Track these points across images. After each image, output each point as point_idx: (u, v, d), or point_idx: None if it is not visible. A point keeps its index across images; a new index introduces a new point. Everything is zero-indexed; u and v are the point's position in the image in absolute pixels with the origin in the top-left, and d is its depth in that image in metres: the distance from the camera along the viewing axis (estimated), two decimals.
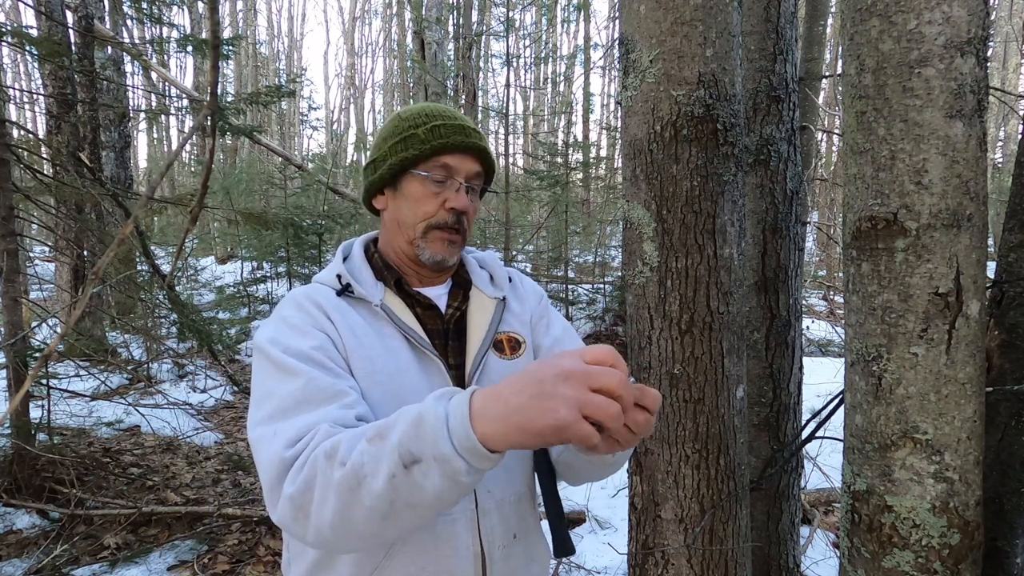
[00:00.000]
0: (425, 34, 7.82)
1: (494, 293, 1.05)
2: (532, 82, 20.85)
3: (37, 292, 7.85)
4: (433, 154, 0.97)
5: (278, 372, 0.85)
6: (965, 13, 0.91)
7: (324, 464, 0.72)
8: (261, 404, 0.83)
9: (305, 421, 0.79)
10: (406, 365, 0.93)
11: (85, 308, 2.24)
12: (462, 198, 0.98)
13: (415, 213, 0.98)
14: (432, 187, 0.98)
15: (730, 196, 1.42)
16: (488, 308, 1.03)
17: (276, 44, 28.71)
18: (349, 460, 0.70)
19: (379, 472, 0.68)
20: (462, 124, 1.00)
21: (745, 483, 1.53)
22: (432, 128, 0.98)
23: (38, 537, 3.01)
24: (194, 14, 15.37)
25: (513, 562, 0.96)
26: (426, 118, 1.00)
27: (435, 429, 0.66)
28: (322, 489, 0.71)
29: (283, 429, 0.78)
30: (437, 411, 0.67)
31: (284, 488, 0.74)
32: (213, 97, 1.09)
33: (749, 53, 2.02)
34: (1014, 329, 1.08)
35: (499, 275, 1.09)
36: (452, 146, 0.97)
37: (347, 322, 0.93)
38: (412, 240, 0.99)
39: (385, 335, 0.95)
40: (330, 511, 0.71)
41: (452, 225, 0.98)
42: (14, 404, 1.58)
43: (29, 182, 3.86)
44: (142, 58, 7.29)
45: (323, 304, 0.93)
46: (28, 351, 3.24)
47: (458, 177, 0.98)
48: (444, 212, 0.98)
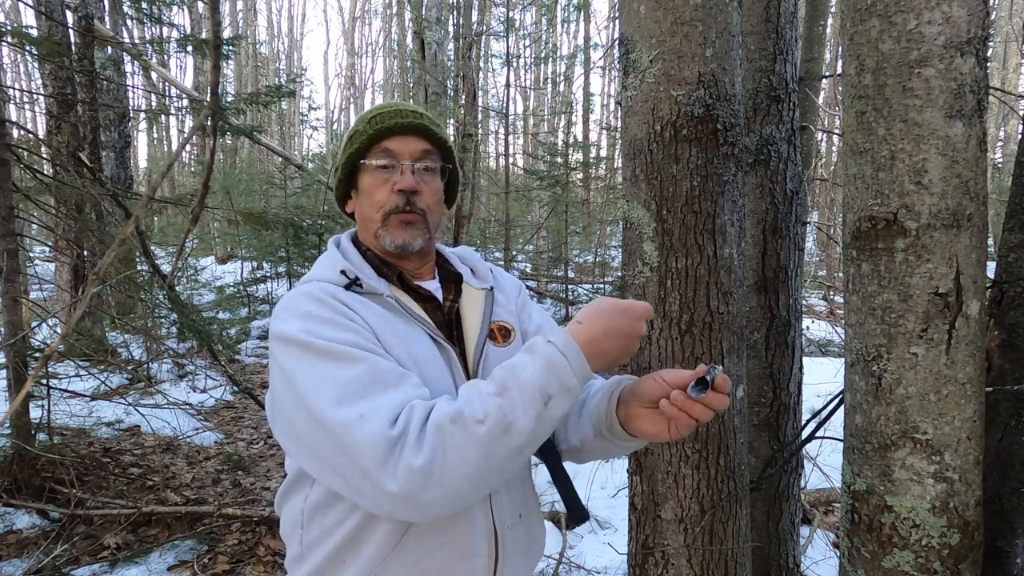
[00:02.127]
0: (425, 34, 7.82)
1: (481, 285, 1.08)
2: (532, 82, 20.85)
3: (37, 292, 7.85)
4: (373, 142, 1.00)
5: (332, 360, 0.83)
6: (965, 13, 0.91)
7: (453, 428, 0.78)
8: (320, 391, 0.82)
9: (393, 400, 0.81)
10: (427, 351, 0.95)
11: (85, 308, 2.24)
12: (407, 178, 0.99)
13: (372, 204, 1.01)
14: (380, 174, 1.00)
15: (730, 196, 1.42)
16: (479, 299, 1.06)
17: (276, 44, 28.72)
18: (487, 416, 0.78)
19: (525, 415, 0.78)
20: (400, 108, 1.02)
21: (745, 483, 1.53)
22: (371, 119, 1.01)
23: (38, 537, 3.01)
24: (194, 14, 15.37)
25: (519, 539, 1.01)
26: (369, 113, 1.03)
27: (565, 368, 0.80)
28: (459, 449, 0.77)
29: (372, 410, 0.79)
30: (556, 354, 0.80)
31: (408, 461, 0.76)
32: (214, 97, 1.09)
33: (749, 53, 2.02)
34: (1014, 329, 1.08)
35: (480, 268, 1.12)
36: (389, 129, 1.00)
37: (368, 312, 0.93)
38: (376, 233, 1.01)
39: (404, 322, 0.96)
40: (472, 466, 0.78)
41: (403, 207, 0.99)
42: (15, 405, 1.58)
43: (29, 182, 3.85)
44: (142, 58, 7.29)
45: (339, 296, 0.92)
46: (28, 351, 3.23)
47: (402, 159, 1.00)
48: (394, 196, 0.99)
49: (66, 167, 4.19)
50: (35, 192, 3.78)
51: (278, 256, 8.71)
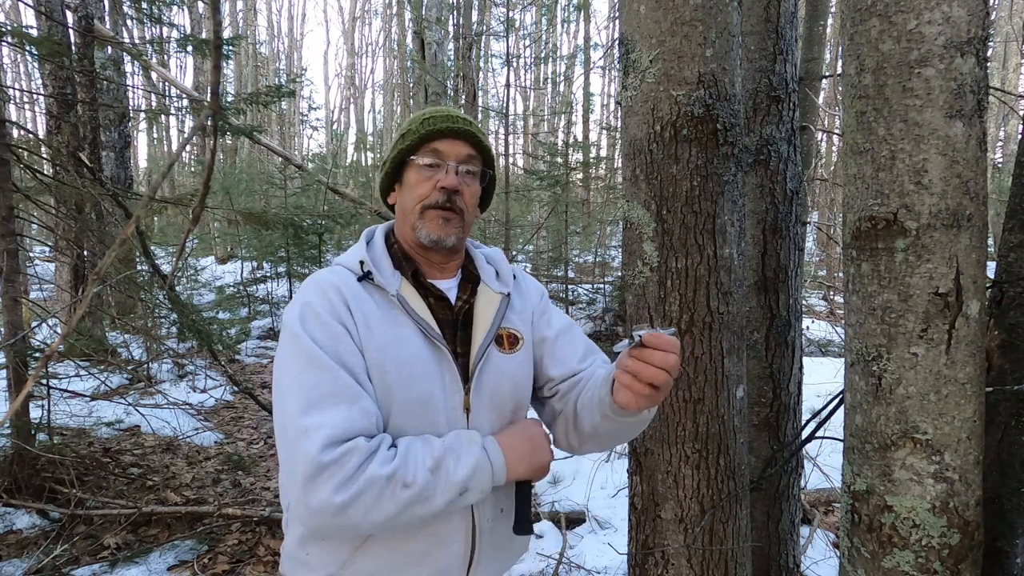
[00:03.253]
0: (425, 34, 7.82)
1: (499, 288, 1.13)
2: (532, 82, 20.85)
3: (37, 292, 7.84)
4: (423, 142, 1.07)
5: (307, 360, 0.94)
6: (965, 13, 0.91)
7: (386, 484, 0.90)
8: (289, 390, 0.94)
9: (334, 422, 0.90)
10: (417, 353, 1.02)
11: (85, 308, 2.24)
12: (451, 177, 1.06)
13: (413, 197, 1.08)
14: (426, 172, 1.07)
15: (730, 196, 1.42)
16: (494, 302, 1.11)
17: (276, 44, 28.71)
18: (414, 484, 0.91)
19: (439, 497, 0.92)
20: (451, 114, 1.10)
21: (745, 483, 1.53)
22: (424, 121, 1.09)
23: (38, 537, 3.01)
24: (194, 14, 15.37)
25: (498, 533, 1.09)
26: (422, 115, 1.10)
27: (487, 475, 0.97)
28: (379, 503, 0.90)
29: (314, 427, 0.89)
30: (485, 460, 0.97)
31: (330, 494, 0.88)
32: (215, 97, 1.08)
33: (749, 53, 2.02)
34: (1014, 329, 1.08)
35: (504, 272, 1.17)
36: (440, 132, 1.07)
37: (363, 312, 1.00)
38: (413, 224, 1.07)
39: (399, 323, 1.03)
40: (384, 516, 0.91)
41: (444, 204, 1.06)
42: (15, 405, 1.58)
43: (29, 182, 3.85)
44: (142, 58, 7.29)
45: (343, 291, 1.01)
46: (28, 351, 3.23)
47: (448, 160, 1.07)
48: (436, 192, 1.06)
49: (66, 167, 4.19)
50: (35, 192, 3.78)
51: (278, 256, 8.71)
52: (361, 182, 13.66)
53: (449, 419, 1.03)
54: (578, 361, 1.16)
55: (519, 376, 1.11)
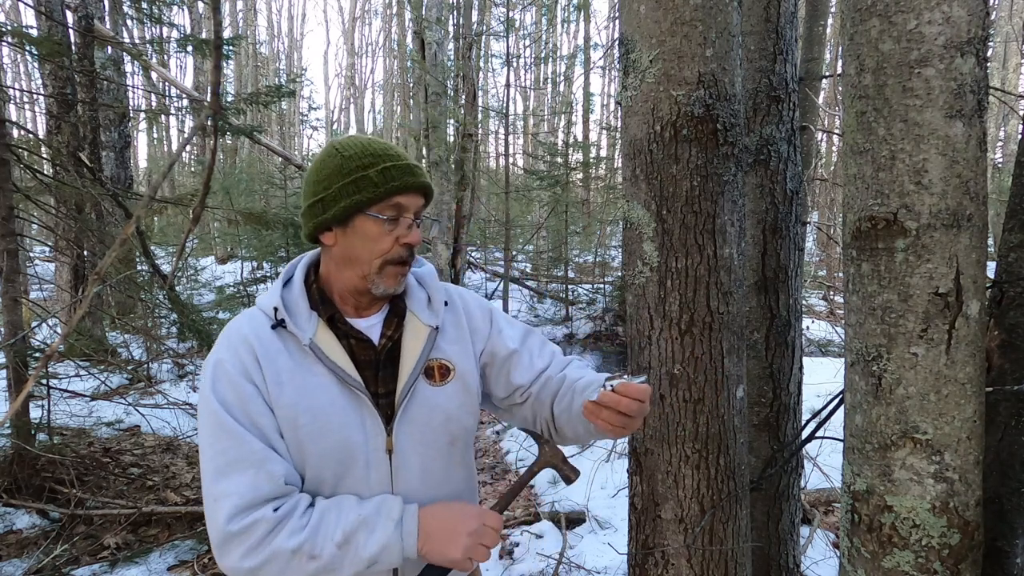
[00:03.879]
0: (425, 34, 7.82)
1: (429, 321, 1.10)
2: (532, 82, 20.83)
3: (37, 292, 7.84)
4: (387, 196, 1.01)
5: (215, 424, 0.96)
6: (965, 13, 0.91)
7: (291, 556, 0.93)
8: (204, 453, 0.98)
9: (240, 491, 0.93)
10: (331, 401, 1.01)
11: (86, 308, 2.24)
12: (415, 234, 1.05)
13: (371, 251, 1.03)
14: (387, 226, 1.03)
15: (730, 196, 1.42)
16: (421, 336, 1.09)
17: (276, 44, 28.70)
18: (320, 556, 0.93)
19: (348, 569, 0.94)
20: (409, 164, 1.05)
21: (745, 483, 1.53)
22: (383, 171, 1.02)
23: (38, 537, 3.01)
24: (194, 14, 15.36)
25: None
26: (374, 159, 1.03)
27: (396, 552, 0.96)
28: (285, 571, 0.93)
29: (222, 496, 0.94)
30: (397, 539, 0.96)
31: (239, 560, 0.93)
32: (215, 97, 1.08)
33: (749, 53, 2.02)
34: (1014, 329, 1.08)
35: (436, 298, 1.14)
36: (404, 187, 1.02)
37: (274, 367, 1.00)
38: (366, 275, 1.04)
39: (312, 373, 1.02)
40: None
41: (406, 259, 1.05)
42: (15, 406, 1.58)
43: (29, 182, 3.85)
44: (142, 58, 7.29)
45: (255, 346, 1.01)
46: (28, 351, 3.23)
47: (408, 215, 1.04)
48: (399, 248, 1.04)
49: (66, 167, 4.19)
50: (35, 192, 3.78)
51: (278, 256, 8.70)
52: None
53: (369, 462, 1.02)
54: (538, 359, 1.18)
55: (452, 407, 1.08)
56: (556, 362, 1.19)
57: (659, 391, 1.46)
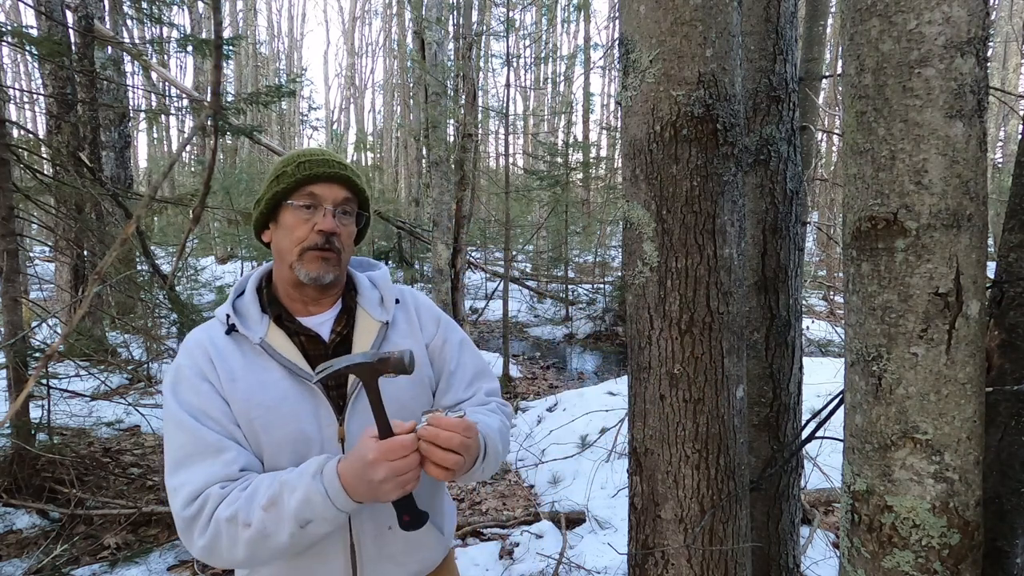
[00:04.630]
0: (425, 34, 7.81)
1: (380, 316, 1.17)
2: (532, 82, 20.84)
3: (37, 292, 7.85)
4: (299, 185, 1.10)
5: (174, 424, 1.02)
6: (965, 13, 0.91)
7: (227, 526, 0.96)
8: (166, 452, 1.03)
9: (194, 479, 0.99)
10: (283, 394, 1.06)
11: (86, 308, 2.24)
12: (328, 221, 1.09)
13: (291, 239, 1.10)
14: (303, 214, 1.10)
15: (730, 196, 1.42)
16: (372, 330, 1.15)
17: (276, 44, 28.71)
18: (252, 523, 0.95)
19: (281, 532, 0.95)
20: (327, 158, 1.13)
21: (745, 483, 1.53)
22: (299, 164, 1.11)
23: (38, 537, 3.01)
24: (194, 14, 15.36)
25: (389, 549, 1.13)
26: (297, 157, 1.13)
27: (322, 502, 0.94)
28: (229, 541, 0.96)
29: (179, 486, 0.99)
30: (318, 488, 0.95)
31: (196, 540, 0.98)
32: (215, 97, 1.08)
33: (749, 53, 2.02)
34: (1014, 329, 1.08)
35: (388, 296, 1.21)
36: (316, 176, 1.10)
37: (227, 365, 1.06)
38: (291, 264, 1.10)
39: (264, 369, 1.08)
40: (241, 553, 0.97)
41: (323, 246, 1.09)
42: (16, 406, 1.58)
43: (29, 182, 3.85)
44: (142, 58, 7.28)
45: (209, 349, 1.07)
46: (28, 351, 3.23)
47: (325, 204, 1.11)
48: (314, 235, 1.09)
49: (66, 167, 4.19)
50: (35, 192, 3.78)
51: None
52: None
53: (324, 451, 1.06)
54: (464, 388, 1.22)
55: (405, 398, 1.12)
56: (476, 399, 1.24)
57: (659, 391, 1.46)
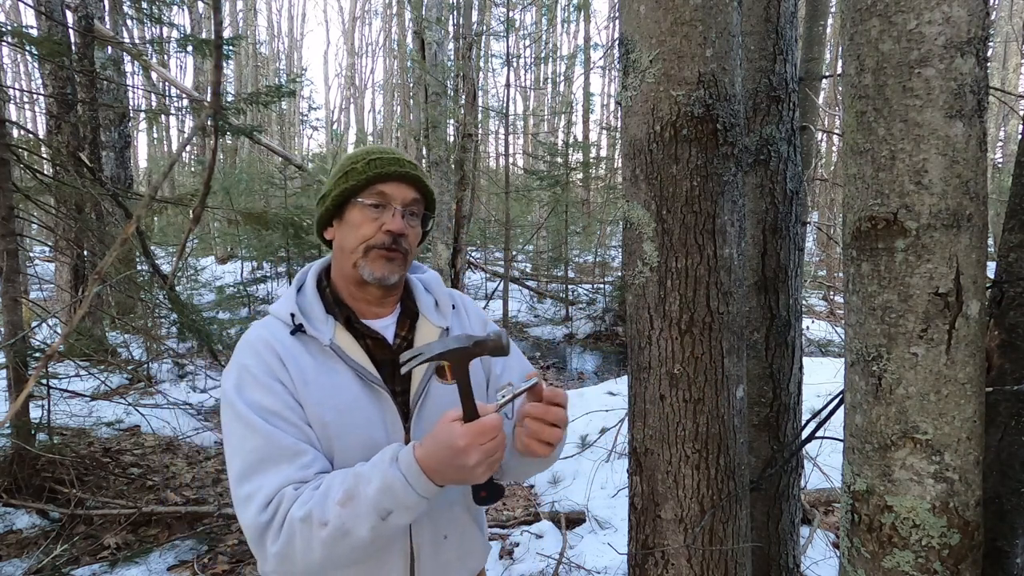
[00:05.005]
0: (425, 34, 7.81)
1: (439, 322, 1.15)
2: (532, 82, 20.83)
3: (37, 292, 7.85)
4: (369, 183, 1.08)
5: (243, 427, 0.98)
6: (965, 13, 0.91)
7: (302, 526, 0.91)
8: (233, 460, 0.98)
9: (270, 484, 0.94)
10: (355, 398, 1.04)
11: (86, 308, 2.24)
12: (397, 221, 1.08)
13: (356, 237, 1.08)
14: (371, 212, 1.08)
15: (730, 196, 1.42)
16: (432, 337, 1.13)
17: (276, 44, 28.70)
18: (329, 521, 0.90)
19: (361, 526, 0.91)
20: (397, 157, 1.11)
21: (745, 483, 1.53)
22: (369, 162, 1.09)
23: (38, 537, 3.01)
24: (194, 14, 15.36)
25: (444, 557, 1.11)
26: (365, 154, 1.11)
27: (402, 488, 0.90)
28: (304, 543, 0.91)
29: (254, 492, 0.94)
30: (396, 475, 0.91)
31: (269, 548, 0.93)
32: (215, 97, 1.08)
33: (749, 53, 2.02)
34: (1014, 329, 1.08)
35: (443, 301, 1.20)
36: (387, 175, 1.08)
37: (299, 366, 1.03)
38: (355, 263, 1.08)
39: (335, 372, 1.05)
40: (318, 555, 0.92)
41: (389, 245, 1.07)
42: (16, 406, 1.58)
43: (29, 182, 3.85)
44: (142, 58, 7.28)
45: (277, 349, 1.03)
46: (28, 351, 3.23)
47: (394, 203, 1.09)
48: (382, 234, 1.07)
49: (66, 167, 4.19)
50: (35, 192, 3.78)
51: (278, 256, 8.71)
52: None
53: None
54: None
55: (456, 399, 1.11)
56: None
57: (659, 391, 1.46)
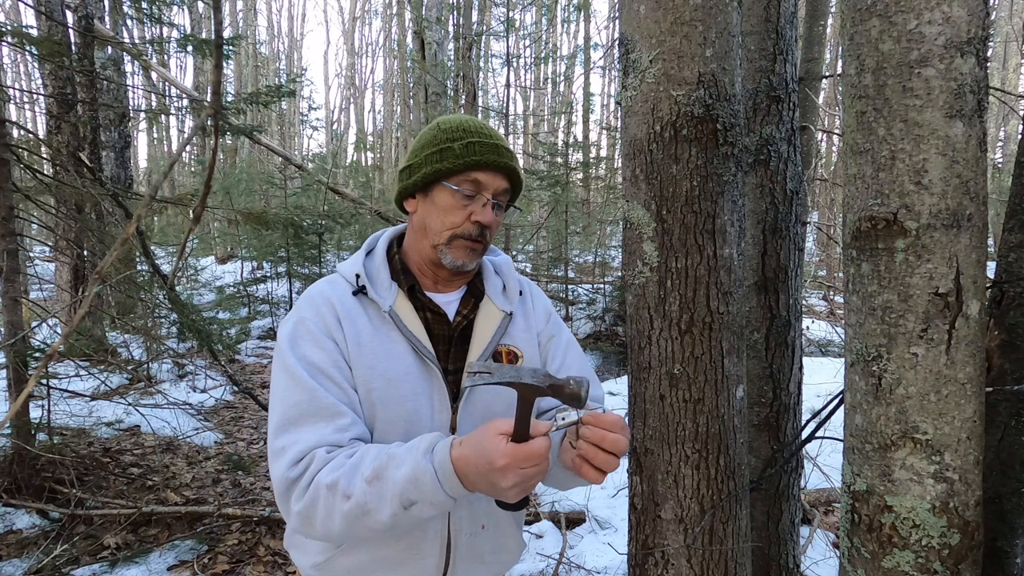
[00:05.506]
0: (425, 34, 7.81)
1: (503, 306, 1.11)
2: (532, 82, 20.83)
3: (37, 292, 7.85)
4: (466, 169, 1.03)
5: (289, 379, 0.96)
6: (965, 13, 0.91)
7: (327, 493, 0.89)
8: (274, 410, 0.97)
9: (305, 440, 0.92)
10: (407, 369, 1.01)
11: (86, 308, 2.25)
12: (488, 213, 1.03)
13: (443, 222, 1.04)
14: (461, 200, 1.03)
15: (730, 196, 1.42)
16: (495, 320, 1.09)
17: (276, 44, 28.70)
18: (353, 495, 0.87)
19: (383, 509, 0.87)
20: (496, 143, 1.05)
21: (745, 483, 1.53)
22: (468, 144, 1.03)
23: (38, 537, 3.01)
24: (194, 14, 15.36)
25: (479, 548, 1.08)
26: (463, 133, 1.04)
27: (431, 483, 0.85)
28: (326, 510, 0.89)
29: (288, 446, 0.93)
30: (427, 468, 0.86)
31: (293, 505, 0.91)
32: (216, 97, 1.08)
33: (749, 53, 2.02)
34: (1014, 329, 1.08)
35: (511, 286, 1.15)
36: (484, 164, 1.03)
37: (355, 328, 1.01)
38: (436, 245, 1.05)
39: (391, 339, 1.02)
40: (338, 526, 0.89)
41: (476, 237, 1.04)
42: (16, 406, 1.58)
43: (29, 182, 3.85)
44: (142, 58, 7.29)
45: (337, 307, 1.01)
46: (28, 351, 3.23)
47: (486, 193, 1.04)
48: (470, 224, 1.03)
49: (66, 167, 4.19)
50: (35, 192, 3.78)
51: (278, 256, 8.70)
52: (361, 182, 13.66)
53: None
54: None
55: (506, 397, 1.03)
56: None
57: (659, 391, 1.46)
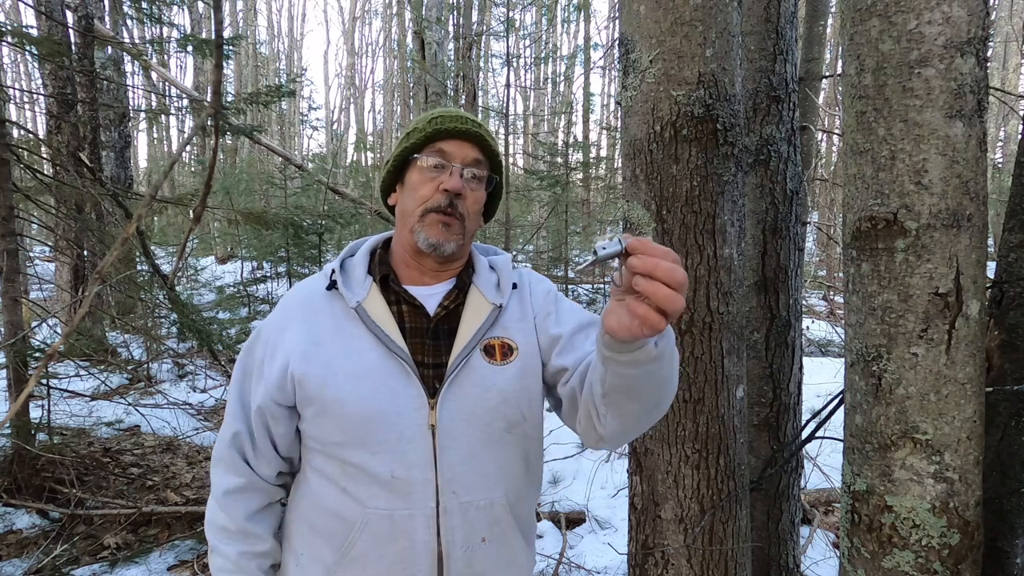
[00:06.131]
0: (425, 34, 7.81)
1: (493, 299, 1.05)
2: (532, 82, 20.84)
3: (37, 292, 7.85)
4: (429, 141, 1.03)
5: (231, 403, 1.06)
6: (965, 13, 0.91)
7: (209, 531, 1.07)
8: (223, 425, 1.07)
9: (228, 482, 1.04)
10: (368, 368, 0.97)
11: (86, 308, 2.25)
12: (455, 179, 1.00)
13: (414, 199, 1.02)
14: (429, 172, 1.02)
15: (730, 196, 1.42)
16: (482, 312, 1.04)
17: (276, 44, 28.70)
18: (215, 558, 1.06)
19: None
20: (460, 115, 1.05)
21: (745, 483, 1.53)
22: (431, 120, 1.05)
23: (38, 537, 3.01)
24: (194, 14, 15.36)
25: (480, 564, 0.99)
26: (430, 115, 1.06)
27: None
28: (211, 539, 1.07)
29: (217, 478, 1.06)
30: None
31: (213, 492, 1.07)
32: (216, 96, 1.08)
33: (749, 53, 2.02)
34: (1014, 329, 1.08)
35: (505, 280, 1.10)
36: (447, 132, 1.03)
37: (315, 328, 1.01)
38: (412, 227, 1.02)
39: (355, 337, 0.99)
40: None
41: (445, 207, 1.00)
42: (16, 406, 1.58)
43: (29, 182, 3.85)
44: (142, 58, 7.29)
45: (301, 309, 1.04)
46: (28, 351, 3.23)
47: (454, 161, 1.02)
48: (439, 195, 1.00)
49: (66, 167, 4.19)
50: (35, 192, 3.78)
51: (278, 256, 8.70)
52: (361, 182, 13.65)
53: (404, 436, 0.94)
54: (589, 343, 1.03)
55: (511, 390, 1.00)
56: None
57: None
